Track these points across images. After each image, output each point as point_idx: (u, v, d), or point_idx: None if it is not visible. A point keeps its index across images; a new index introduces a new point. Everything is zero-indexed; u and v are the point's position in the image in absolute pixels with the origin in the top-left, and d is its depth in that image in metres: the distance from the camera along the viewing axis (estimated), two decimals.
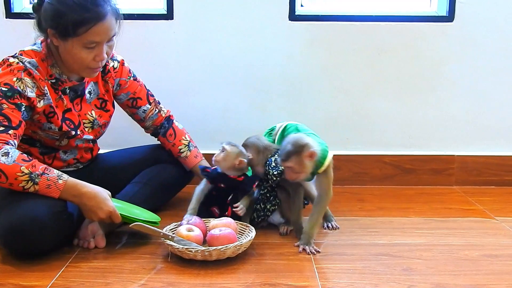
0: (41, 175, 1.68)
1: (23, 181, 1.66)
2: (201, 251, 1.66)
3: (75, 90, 1.93)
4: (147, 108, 2.15)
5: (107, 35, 1.78)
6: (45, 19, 1.78)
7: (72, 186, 1.72)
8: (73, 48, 1.77)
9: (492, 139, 2.61)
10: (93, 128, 2.00)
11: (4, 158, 1.63)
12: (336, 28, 2.51)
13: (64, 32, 1.75)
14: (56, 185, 1.70)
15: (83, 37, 1.74)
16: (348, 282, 1.58)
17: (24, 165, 1.66)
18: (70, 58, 1.80)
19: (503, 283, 1.58)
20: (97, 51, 1.79)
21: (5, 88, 1.72)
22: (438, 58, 2.54)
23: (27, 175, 1.66)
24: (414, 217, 2.16)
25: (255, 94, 2.56)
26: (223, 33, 2.51)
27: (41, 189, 1.68)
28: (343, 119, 2.59)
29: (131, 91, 2.11)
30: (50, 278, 1.59)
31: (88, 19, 1.72)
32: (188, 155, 2.18)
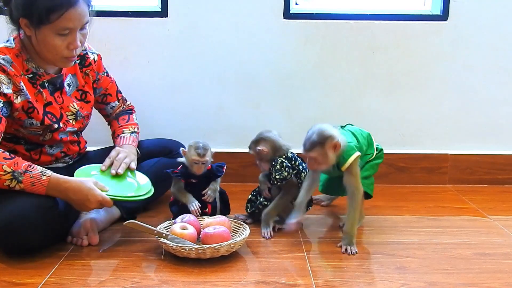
0: (24, 173, 1.66)
1: (7, 180, 1.65)
2: (195, 249, 1.65)
3: (53, 83, 1.92)
4: (115, 104, 2.18)
5: (80, 21, 1.77)
6: (17, 8, 1.75)
7: (55, 182, 1.70)
8: (46, 36, 1.75)
9: (485, 137, 2.61)
10: (77, 119, 1.99)
11: None
12: (330, 26, 2.51)
13: (37, 20, 1.72)
14: (40, 182, 1.68)
15: (56, 24, 1.73)
16: (341, 281, 1.58)
17: (5, 163, 1.65)
18: (43, 47, 1.78)
19: (495, 281, 1.59)
20: (70, 39, 1.77)
21: None
22: (431, 56, 2.54)
23: (10, 174, 1.65)
24: (407, 215, 2.16)
25: (248, 92, 2.56)
26: (217, 31, 2.51)
27: (26, 187, 1.67)
28: (336, 117, 2.58)
29: (104, 86, 2.12)
30: (43, 275, 1.58)
31: (60, 4, 1.71)
32: (125, 136, 2.11)
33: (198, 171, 1.95)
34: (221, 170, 2.00)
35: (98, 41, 2.45)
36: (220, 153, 2.27)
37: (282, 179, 1.92)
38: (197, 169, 1.95)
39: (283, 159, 1.94)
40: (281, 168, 1.92)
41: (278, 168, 1.92)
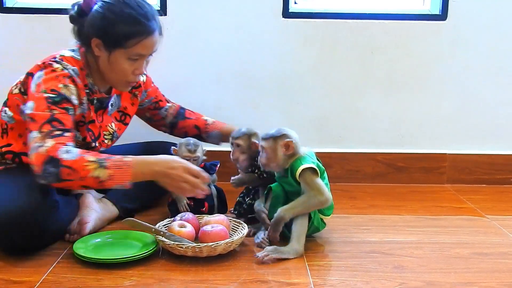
0: (107, 159, 1.63)
1: (92, 170, 1.60)
2: (192, 247, 1.65)
3: (101, 102, 1.93)
4: (169, 106, 2.22)
5: (152, 49, 1.82)
6: (92, 28, 1.77)
7: (139, 160, 1.67)
8: (117, 59, 1.78)
9: (484, 137, 2.62)
10: (112, 140, 2.02)
11: (66, 155, 1.60)
12: (329, 25, 2.51)
13: (113, 43, 1.76)
14: (126, 163, 1.64)
15: (131, 49, 1.77)
16: (339, 280, 1.58)
17: (87, 154, 1.63)
18: (111, 69, 1.81)
19: (493, 280, 1.59)
20: (138, 64, 1.81)
21: (52, 95, 1.70)
22: (430, 56, 2.55)
23: (95, 162, 1.61)
24: (405, 215, 2.16)
25: (247, 92, 2.56)
26: (216, 30, 2.51)
27: (114, 172, 1.62)
28: (336, 117, 2.59)
29: (153, 95, 2.17)
30: (41, 274, 1.58)
31: (140, 32, 1.76)
32: (214, 121, 2.24)
33: None
34: (214, 169, 2.02)
35: None
36: (219, 152, 2.27)
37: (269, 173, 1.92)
38: None
39: None
40: None
41: None
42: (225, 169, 2.14)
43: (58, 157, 1.59)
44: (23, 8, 2.47)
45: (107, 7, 1.76)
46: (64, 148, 1.61)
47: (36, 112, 1.67)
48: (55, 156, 1.59)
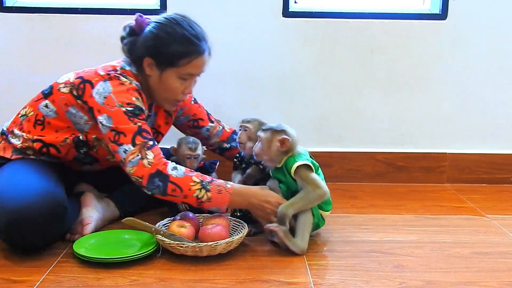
0: (210, 182, 1.73)
1: (196, 190, 1.70)
2: (192, 246, 1.65)
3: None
4: (211, 126, 2.20)
5: (202, 69, 1.88)
6: (145, 47, 1.83)
7: (238, 190, 1.76)
8: (169, 78, 1.84)
9: (484, 137, 2.62)
10: None
11: (175, 172, 1.71)
12: (329, 25, 2.51)
13: (165, 62, 1.82)
14: (226, 190, 1.74)
15: (183, 69, 1.82)
16: (339, 279, 1.58)
17: (193, 174, 1.73)
18: (162, 87, 1.86)
19: (493, 280, 1.59)
20: (187, 84, 1.88)
21: (130, 108, 1.76)
22: (430, 56, 2.54)
23: (199, 184, 1.71)
24: (405, 214, 2.16)
25: (247, 91, 2.56)
26: (216, 30, 2.49)
27: (213, 195, 1.72)
28: (336, 116, 2.59)
29: (191, 113, 2.17)
30: (41, 273, 1.58)
31: (192, 51, 1.82)
32: None
33: (190, 166, 1.95)
34: (213, 167, 2.02)
35: (96, 39, 2.46)
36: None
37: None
38: (189, 164, 1.96)
39: None
40: None
41: None
42: (224, 168, 2.15)
43: (167, 173, 1.70)
44: (23, 7, 2.47)
45: (160, 28, 1.82)
46: (171, 165, 1.73)
47: (121, 126, 1.73)
48: (163, 171, 1.70)
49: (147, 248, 1.69)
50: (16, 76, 2.49)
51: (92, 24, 2.46)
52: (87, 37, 2.47)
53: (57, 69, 2.46)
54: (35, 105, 1.88)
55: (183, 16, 1.88)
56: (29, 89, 2.46)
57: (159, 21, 1.84)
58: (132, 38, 1.86)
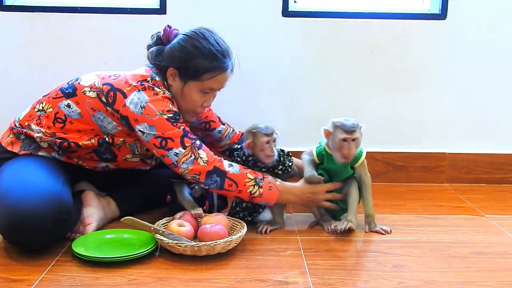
0: (262, 179, 1.86)
1: (250, 186, 1.84)
2: (191, 246, 1.66)
3: None
4: (222, 128, 2.23)
5: (223, 85, 1.94)
6: (171, 58, 1.88)
7: (287, 186, 1.90)
8: (191, 90, 1.88)
9: (483, 136, 2.62)
10: (156, 160, 2.08)
11: (231, 168, 1.84)
12: (328, 24, 2.51)
13: (189, 75, 1.86)
14: (276, 186, 1.87)
15: (205, 83, 1.87)
16: (338, 279, 1.58)
17: (247, 171, 1.86)
18: (183, 98, 1.91)
19: (492, 280, 1.59)
20: (208, 97, 1.93)
21: (170, 114, 1.82)
22: (430, 55, 2.55)
23: (253, 180, 1.85)
24: (404, 214, 2.16)
25: (246, 90, 2.56)
26: (216, 29, 2.48)
27: (264, 192, 1.85)
28: (335, 116, 2.56)
29: (203, 116, 2.18)
30: (40, 272, 1.58)
31: (216, 67, 1.87)
32: None
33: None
34: None
35: (96, 38, 2.45)
36: None
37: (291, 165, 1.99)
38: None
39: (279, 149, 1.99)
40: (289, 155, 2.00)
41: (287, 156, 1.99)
42: None
43: (225, 169, 1.83)
44: (23, 6, 2.47)
45: (188, 41, 1.87)
46: (227, 162, 1.85)
47: (167, 132, 1.80)
48: (221, 167, 1.83)
49: (146, 247, 1.69)
50: (16, 74, 2.49)
51: (91, 23, 2.46)
52: (86, 36, 2.47)
53: (56, 67, 2.47)
54: (54, 102, 1.89)
55: (211, 31, 1.92)
56: (29, 87, 2.47)
57: (187, 34, 1.89)
58: (159, 47, 1.91)
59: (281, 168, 1.96)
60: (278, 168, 1.96)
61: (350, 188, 1.97)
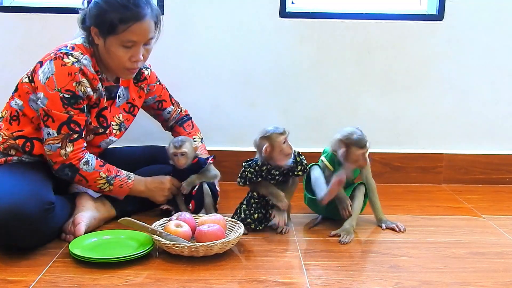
0: (114, 177, 1.92)
1: (100, 184, 1.91)
2: (188, 247, 1.65)
3: (110, 91, 2.00)
4: (171, 109, 2.26)
5: (145, 36, 1.86)
6: (90, 17, 1.86)
7: (137, 183, 1.98)
8: (112, 46, 1.85)
9: (480, 137, 2.62)
10: (120, 130, 2.07)
11: (85, 166, 1.87)
12: (326, 25, 2.51)
13: (106, 30, 1.83)
14: (127, 185, 1.95)
15: (122, 35, 1.83)
16: (335, 279, 1.58)
17: (101, 170, 1.90)
18: (108, 56, 1.88)
19: (489, 280, 1.59)
20: (133, 52, 1.87)
21: (67, 95, 1.82)
22: (427, 56, 2.55)
23: (104, 179, 1.90)
24: (402, 214, 2.16)
25: (244, 90, 2.56)
26: (213, 29, 2.51)
27: (115, 189, 1.94)
28: (332, 116, 2.59)
29: (157, 94, 2.21)
30: (37, 273, 1.58)
31: (128, 18, 1.81)
32: (199, 146, 2.20)
33: (178, 163, 1.98)
34: (206, 162, 2.02)
35: None
36: (216, 152, 2.28)
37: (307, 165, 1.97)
38: (177, 161, 1.98)
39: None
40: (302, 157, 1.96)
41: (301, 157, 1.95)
42: (221, 168, 2.14)
43: (79, 167, 1.87)
44: (20, 7, 2.47)
45: None
46: (84, 159, 1.87)
47: (53, 111, 1.81)
48: (76, 164, 1.86)
49: (143, 248, 1.69)
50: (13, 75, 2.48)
51: None
52: None
53: None
54: (7, 106, 1.93)
55: None
56: None
57: None
58: (84, 10, 1.90)
59: (301, 169, 1.93)
60: (297, 169, 1.93)
61: (356, 192, 2.00)
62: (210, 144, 2.38)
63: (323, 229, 1.98)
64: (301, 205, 2.11)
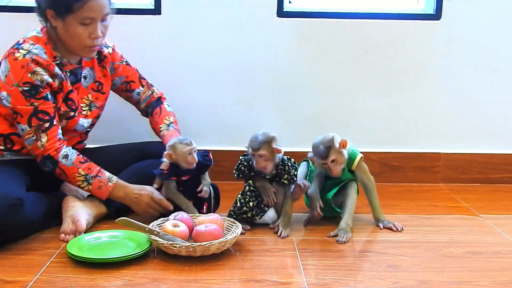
0: (94, 177, 1.92)
1: (79, 181, 1.91)
2: (186, 246, 1.65)
3: (75, 74, 2.02)
4: (141, 90, 2.23)
5: (101, 12, 1.88)
6: (45, 0, 1.88)
7: (118, 187, 1.95)
8: (70, 25, 1.87)
9: (478, 137, 2.62)
10: (91, 109, 2.08)
11: (64, 160, 1.90)
12: (323, 25, 2.51)
13: (62, 10, 1.85)
14: (107, 187, 1.94)
15: (79, 13, 1.84)
16: (333, 279, 1.58)
17: (81, 167, 1.91)
18: (68, 36, 1.90)
19: (487, 279, 1.59)
20: (92, 28, 1.88)
21: (26, 87, 1.85)
22: (424, 56, 2.55)
23: (83, 177, 1.91)
24: (400, 214, 2.16)
25: (242, 90, 2.56)
26: (211, 29, 2.50)
27: (94, 189, 1.93)
28: (330, 116, 2.59)
29: (124, 74, 2.19)
30: (34, 273, 1.58)
31: None
32: (165, 134, 2.16)
33: (193, 160, 1.93)
34: (209, 159, 1.99)
35: None
36: (214, 152, 2.27)
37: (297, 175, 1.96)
38: (192, 159, 1.93)
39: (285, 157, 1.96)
40: (294, 165, 1.96)
41: (292, 165, 1.95)
42: (219, 168, 2.14)
43: (58, 159, 1.89)
44: (17, 6, 2.46)
45: None
46: (63, 152, 1.90)
47: (18, 106, 1.86)
48: (54, 157, 1.89)
49: (141, 248, 1.69)
50: None
51: None
52: None
53: None
54: None
55: None
56: None
57: None
58: None
59: (287, 177, 1.94)
60: (284, 177, 1.95)
61: (348, 190, 1.99)
62: (207, 144, 2.38)
63: (320, 229, 1.98)
64: (299, 204, 2.11)
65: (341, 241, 1.84)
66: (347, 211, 1.95)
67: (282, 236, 1.88)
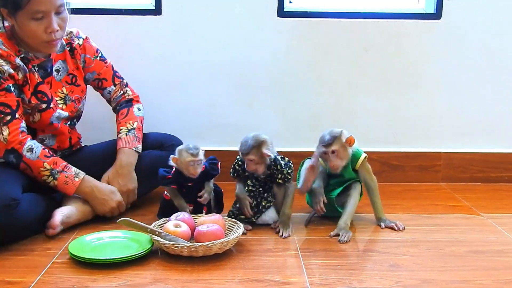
0: (60, 172, 1.89)
1: (44, 176, 1.88)
2: (187, 247, 1.65)
3: (44, 68, 1.98)
4: (112, 89, 2.19)
5: (52, 4, 1.83)
6: None
7: (85, 183, 1.93)
8: (23, 22, 1.84)
9: (478, 136, 2.62)
10: (66, 103, 2.05)
11: (29, 153, 1.86)
12: (323, 24, 2.51)
13: (12, 7, 1.82)
14: (73, 183, 1.91)
15: (28, 8, 1.80)
16: (335, 278, 1.58)
17: (46, 161, 1.87)
18: (24, 34, 1.87)
19: (488, 278, 1.59)
20: (46, 23, 1.84)
21: None
22: (425, 55, 2.55)
23: (49, 171, 1.87)
24: (401, 213, 2.16)
25: (241, 90, 2.56)
26: (211, 29, 2.50)
27: (60, 184, 1.90)
28: (330, 115, 2.59)
29: (97, 71, 2.15)
30: (36, 274, 1.58)
31: None
32: (121, 138, 2.12)
33: (194, 172, 1.90)
34: (216, 168, 1.97)
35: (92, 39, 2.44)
36: (213, 152, 2.27)
37: (291, 173, 1.95)
38: (193, 170, 1.90)
39: (278, 157, 1.95)
40: (287, 162, 1.96)
41: (286, 164, 1.95)
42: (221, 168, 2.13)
43: (22, 153, 1.86)
44: None
45: None
46: (28, 145, 1.86)
47: None
48: (18, 150, 1.85)
49: (143, 248, 1.69)
50: None
51: (86, 24, 2.45)
52: None
53: None
54: None
55: None
56: None
57: None
58: None
59: (281, 177, 1.95)
60: (278, 177, 1.95)
61: (352, 190, 1.99)
62: (207, 144, 2.37)
63: (322, 228, 1.98)
64: (301, 205, 2.11)
65: (343, 240, 1.84)
66: (347, 210, 1.95)
67: (283, 236, 1.88)
